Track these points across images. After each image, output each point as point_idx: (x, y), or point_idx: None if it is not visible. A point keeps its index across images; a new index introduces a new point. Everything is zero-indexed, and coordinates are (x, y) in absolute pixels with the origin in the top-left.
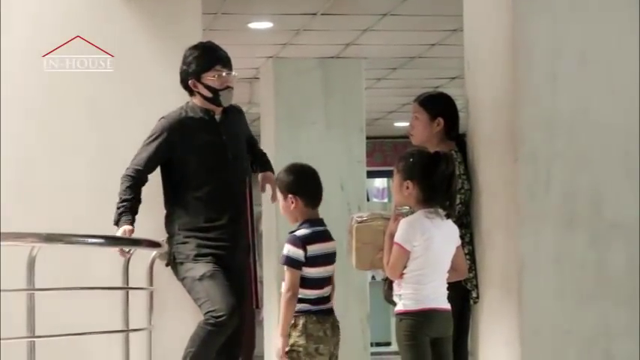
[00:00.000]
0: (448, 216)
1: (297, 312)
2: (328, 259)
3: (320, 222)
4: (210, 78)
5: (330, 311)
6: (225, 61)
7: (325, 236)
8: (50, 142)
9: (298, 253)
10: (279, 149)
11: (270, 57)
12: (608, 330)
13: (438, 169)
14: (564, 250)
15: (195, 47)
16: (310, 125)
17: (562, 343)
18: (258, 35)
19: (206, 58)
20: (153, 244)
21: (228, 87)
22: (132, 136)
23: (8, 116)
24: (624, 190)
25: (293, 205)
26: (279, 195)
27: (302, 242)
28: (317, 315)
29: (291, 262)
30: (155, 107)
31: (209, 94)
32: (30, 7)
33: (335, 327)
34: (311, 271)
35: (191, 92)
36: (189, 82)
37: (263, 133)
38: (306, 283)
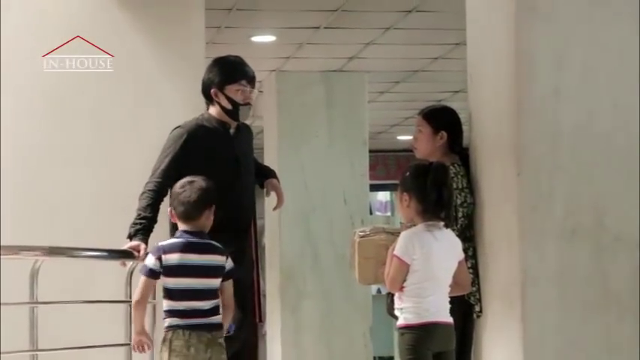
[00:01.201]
0: (446, 226)
1: (167, 327)
2: (205, 271)
3: (198, 234)
4: (233, 91)
5: (210, 327)
6: (250, 78)
7: (201, 248)
8: (52, 152)
9: (152, 261)
10: (282, 162)
11: (273, 70)
12: (612, 343)
13: (428, 178)
14: (567, 263)
15: (223, 58)
16: (313, 138)
17: (565, 356)
18: (262, 49)
19: (233, 71)
20: None
21: (248, 103)
22: (135, 148)
23: (7, 122)
24: (627, 203)
25: (171, 219)
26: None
27: (158, 251)
28: (185, 330)
29: (144, 271)
30: (158, 119)
31: (229, 107)
32: (30, 8)
33: (214, 343)
34: (173, 282)
35: (210, 101)
36: (212, 90)
37: (266, 146)
38: (170, 294)
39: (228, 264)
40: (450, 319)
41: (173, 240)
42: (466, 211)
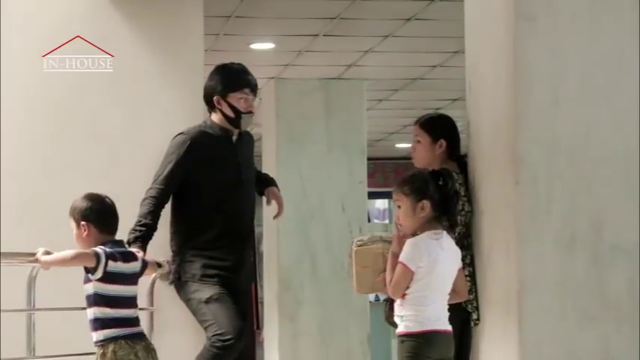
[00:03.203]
0: (454, 225)
1: (104, 339)
2: (132, 278)
3: (120, 243)
4: (236, 99)
5: (142, 335)
6: (253, 86)
7: (127, 257)
8: (50, 159)
9: (104, 252)
10: (281, 170)
11: (272, 78)
12: (609, 352)
13: (446, 184)
14: (565, 271)
15: (226, 66)
16: (311, 146)
17: None
18: (260, 56)
19: (236, 79)
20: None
21: (251, 111)
22: (134, 155)
23: (7, 128)
24: (625, 212)
25: (85, 233)
26: (73, 223)
27: (106, 252)
28: (126, 339)
29: (98, 250)
30: (157, 127)
31: (231, 115)
32: (30, 8)
33: (150, 350)
34: (111, 288)
35: (212, 108)
36: (214, 98)
37: (264, 153)
38: (107, 301)
39: (140, 264)
40: (449, 328)
41: (108, 249)
42: (464, 220)
